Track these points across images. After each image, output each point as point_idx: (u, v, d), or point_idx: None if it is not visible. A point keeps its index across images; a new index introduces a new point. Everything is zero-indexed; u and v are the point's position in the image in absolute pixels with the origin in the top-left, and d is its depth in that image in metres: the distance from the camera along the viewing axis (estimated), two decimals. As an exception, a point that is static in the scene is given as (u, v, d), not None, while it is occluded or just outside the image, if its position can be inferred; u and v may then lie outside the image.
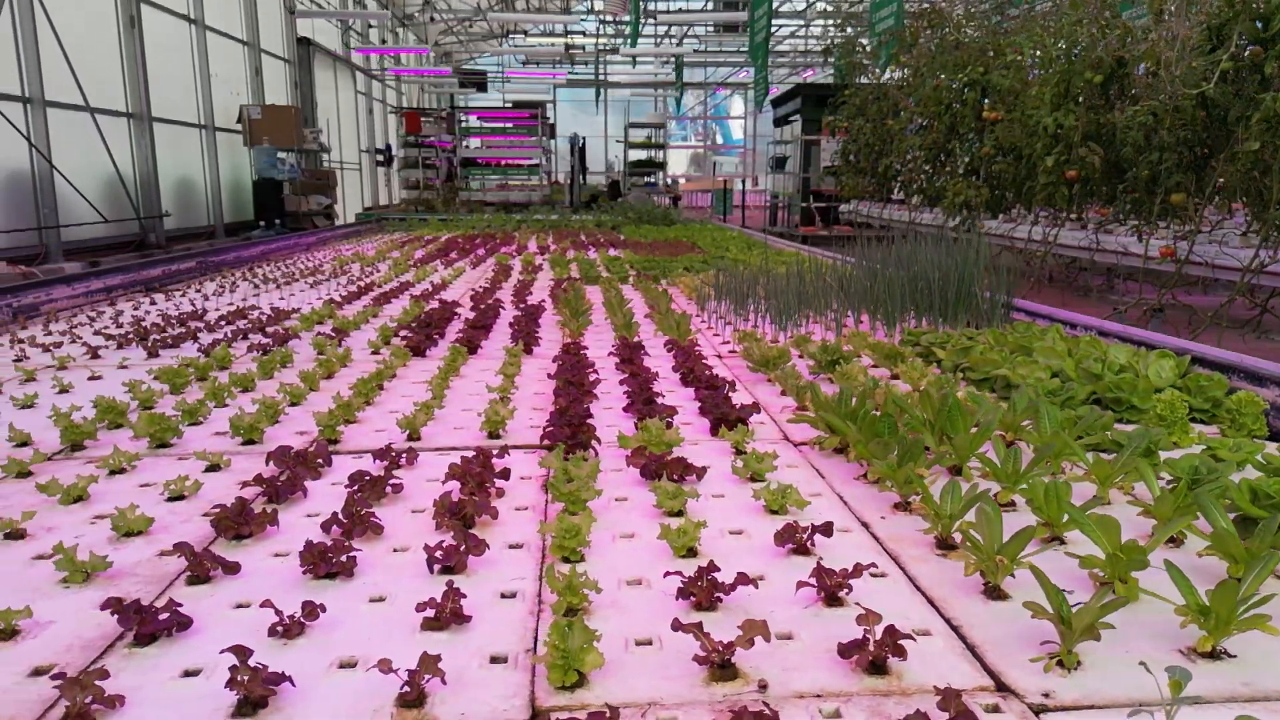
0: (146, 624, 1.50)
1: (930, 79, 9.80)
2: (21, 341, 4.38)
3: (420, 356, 4.04)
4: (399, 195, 24.86)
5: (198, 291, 6.52)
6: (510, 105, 25.57)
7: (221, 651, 1.38)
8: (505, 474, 2.27)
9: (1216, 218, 6.94)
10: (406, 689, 1.33)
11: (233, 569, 1.77)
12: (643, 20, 29.60)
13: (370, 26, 25.29)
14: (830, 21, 25.64)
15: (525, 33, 34.31)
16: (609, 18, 29.25)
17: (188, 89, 13.35)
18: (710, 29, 31.92)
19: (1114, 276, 7.28)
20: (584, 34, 33.12)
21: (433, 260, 8.85)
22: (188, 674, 1.42)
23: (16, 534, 1.97)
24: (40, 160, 9.17)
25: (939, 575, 1.77)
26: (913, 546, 1.91)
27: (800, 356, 3.86)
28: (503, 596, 1.70)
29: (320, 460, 2.42)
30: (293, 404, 3.12)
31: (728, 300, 5.03)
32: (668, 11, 27.07)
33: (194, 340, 4.34)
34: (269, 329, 4.59)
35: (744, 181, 29.71)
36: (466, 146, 23.07)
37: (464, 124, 23.27)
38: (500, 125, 23.54)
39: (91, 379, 3.57)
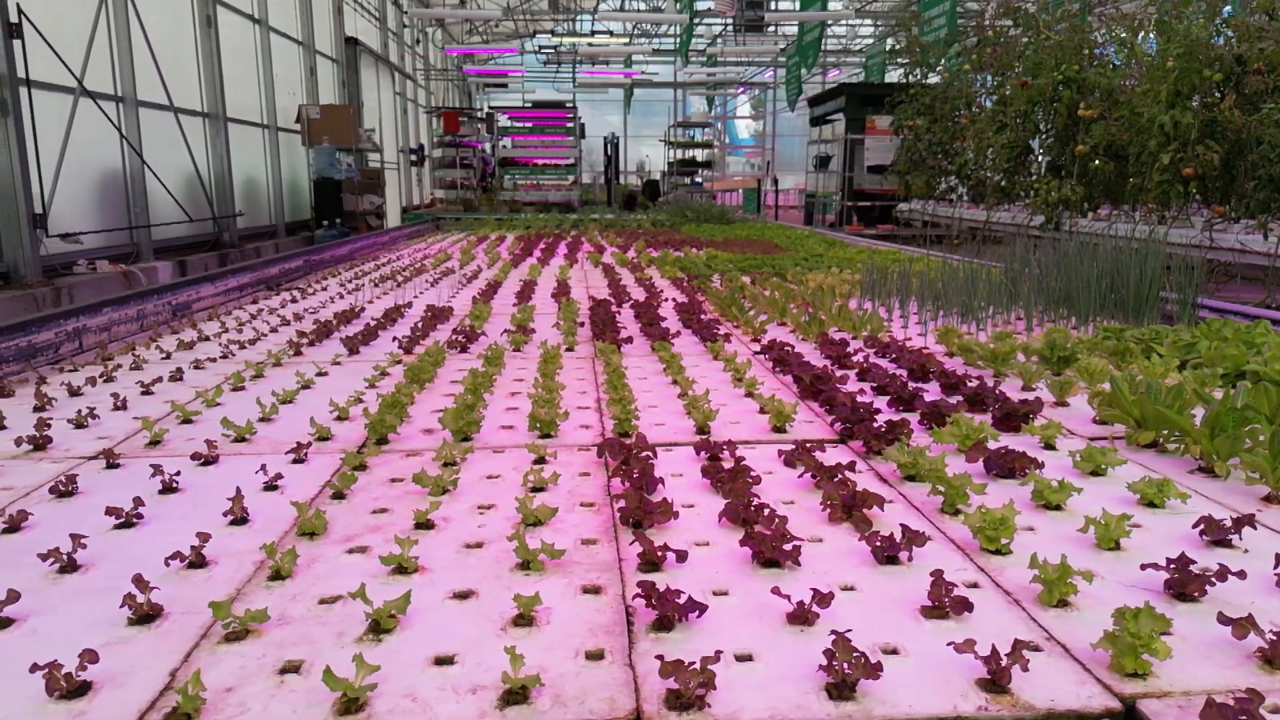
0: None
1: (1013, 78, 9.80)
2: (207, 338, 4.41)
3: (617, 352, 4.06)
4: (429, 194, 24.88)
5: (323, 290, 6.55)
6: (547, 105, 25.56)
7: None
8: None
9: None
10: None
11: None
12: (667, 26, 29.63)
13: (405, 26, 25.33)
14: (876, 23, 25.63)
15: (551, 32, 34.30)
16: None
17: (250, 89, 13.39)
18: (729, 28, 31.87)
19: (1229, 276, 7.28)
20: (610, 34, 33.12)
21: (523, 259, 8.87)
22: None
23: (426, 525, 2.00)
24: (131, 160, 9.21)
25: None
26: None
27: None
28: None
29: (644, 451, 2.44)
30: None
31: (881, 298, 5.05)
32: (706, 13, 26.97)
33: (368, 338, 4.35)
34: (455, 327, 4.62)
35: (772, 182, 29.72)
36: (504, 146, 23.11)
37: (501, 124, 23.31)
38: (537, 125, 23.55)
39: (319, 375, 3.59)
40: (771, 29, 31.07)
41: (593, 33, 33.43)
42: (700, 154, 24.55)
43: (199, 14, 11.14)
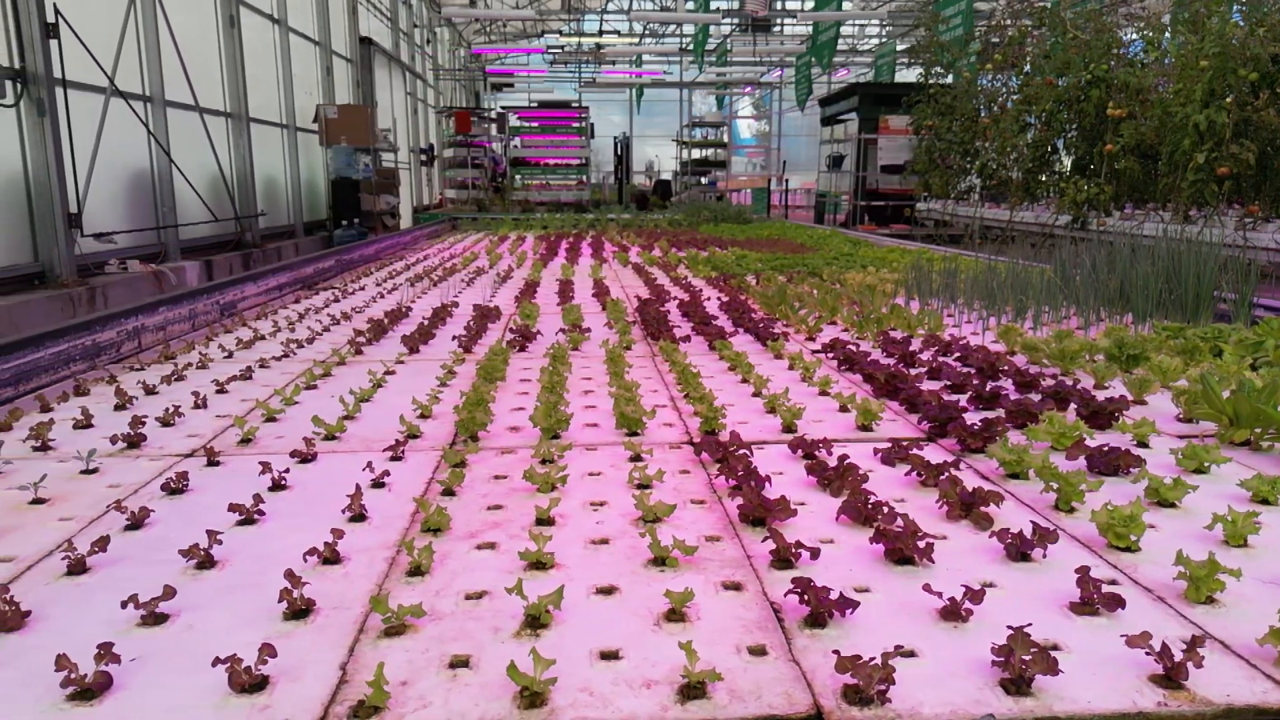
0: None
1: (1038, 77, 9.80)
2: (263, 336, 4.42)
3: (678, 351, 4.06)
4: (439, 194, 24.89)
5: (360, 289, 6.56)
6: (557, 105, 25.58)
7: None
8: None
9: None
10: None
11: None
12: (674, 26, 29.63)
13: (416, 26, 25.33)
14: (884, 23, 25.62)
15: (560, 33, 34.30)
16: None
17: (269, 88, 13.40)
18: (735, 28, 31.89)
19: (1263, 276, 7.27)
20: (618, 34, 33.11)
21: (550, 259, 8.88)
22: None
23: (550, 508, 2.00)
24: (159, 160, 9.22)
25: None
26: None
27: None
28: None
29: (741, 449, 2.45)
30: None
31: (925, 297, 5.06)
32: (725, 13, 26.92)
33: (424, 338, 4.35)
34: (509, 326, 4.63)
35: (783, 181, 29.72)
36: (515, 146, 23.12)
37: (511, 124, 23.32)
38: (548, 125, 23.57)
39: (387, 373, 3.60)
40: (778, 29, 31.13)
41: (600, 33, 33.45)
42: (712, 154, 24.52)
43: (222, 14, 11.15)
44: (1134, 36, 8.89)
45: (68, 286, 6.96)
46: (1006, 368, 3.44)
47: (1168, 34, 8.53)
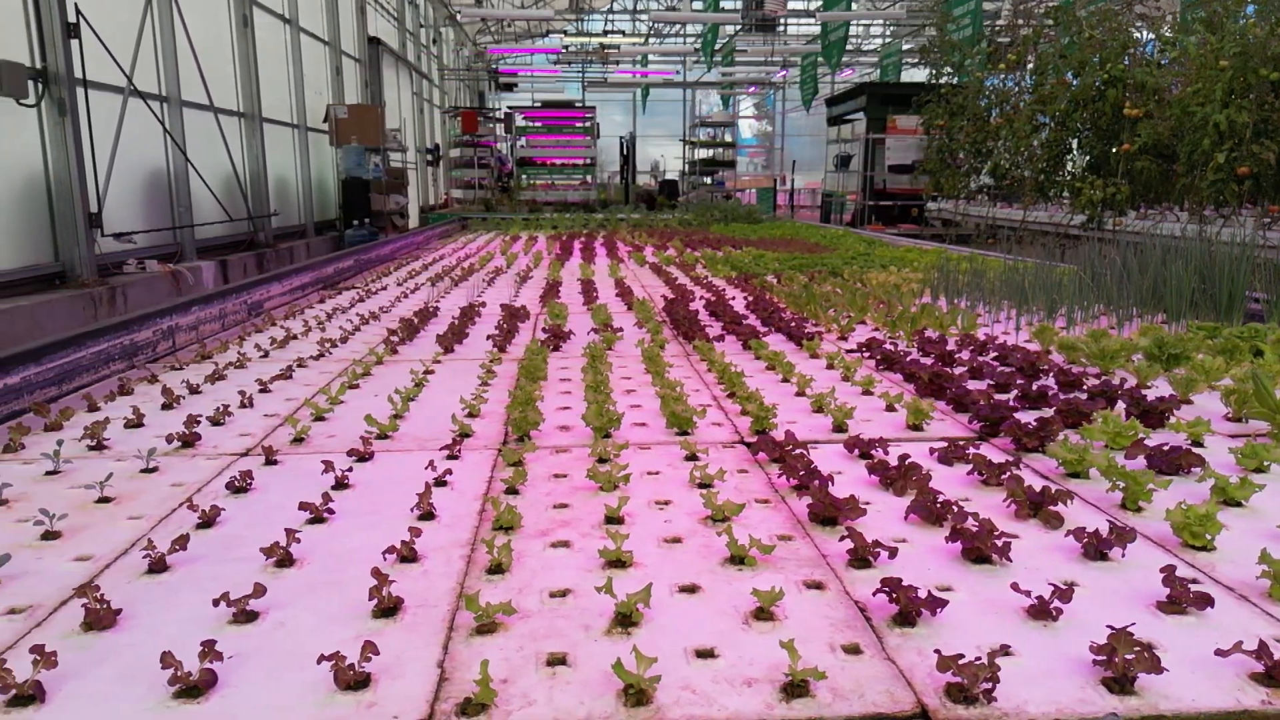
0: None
1: (1052, 77, 9.80)
2: (295, 336, 4.42)
3: (713, 350, 4.06)
4: (444, 194, 24.90)
5: (382, 289, 6.56)
6: (564, 105, 25.59)
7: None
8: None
9: None
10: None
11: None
12: (678, 26, 29.65)
13: (422, 26, 25.34)
14: (887, 23, 25.64)
15: (564, 33, 34.31)
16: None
17: (280, 88, 13.40)
18: (738, 28, 31.91)
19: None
20: (623, 34, 33.12)
21: (566, 259, 8.88)
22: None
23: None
24: (175, 160, 9.23)
25: None
26: None
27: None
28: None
29: (798, 448, 2.45)
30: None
31: (951, 296, 5.06)
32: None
33: (458, 337, 4.35)
34: (543, 326, 4.63)
35: (789, 181, 29.73)
36: (522, 146, 23.13)
37: (518, 124, 23.34)
38: (554, 125, 23.58)
39: (426, 373, 3.60)
40: (782, 28, 31.13)
41: (605, 32, 33.45)
42: (719, 154, 24.55)
43: (235, 14, 11.16)
44: (1151, 36, 8.89)
45: (88, 286, 6.96)
46: (1047, 367, 3.45)
47: (1192, 37, 8.53)
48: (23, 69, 6.44)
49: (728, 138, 27.87)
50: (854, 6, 19.07)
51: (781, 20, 29.91)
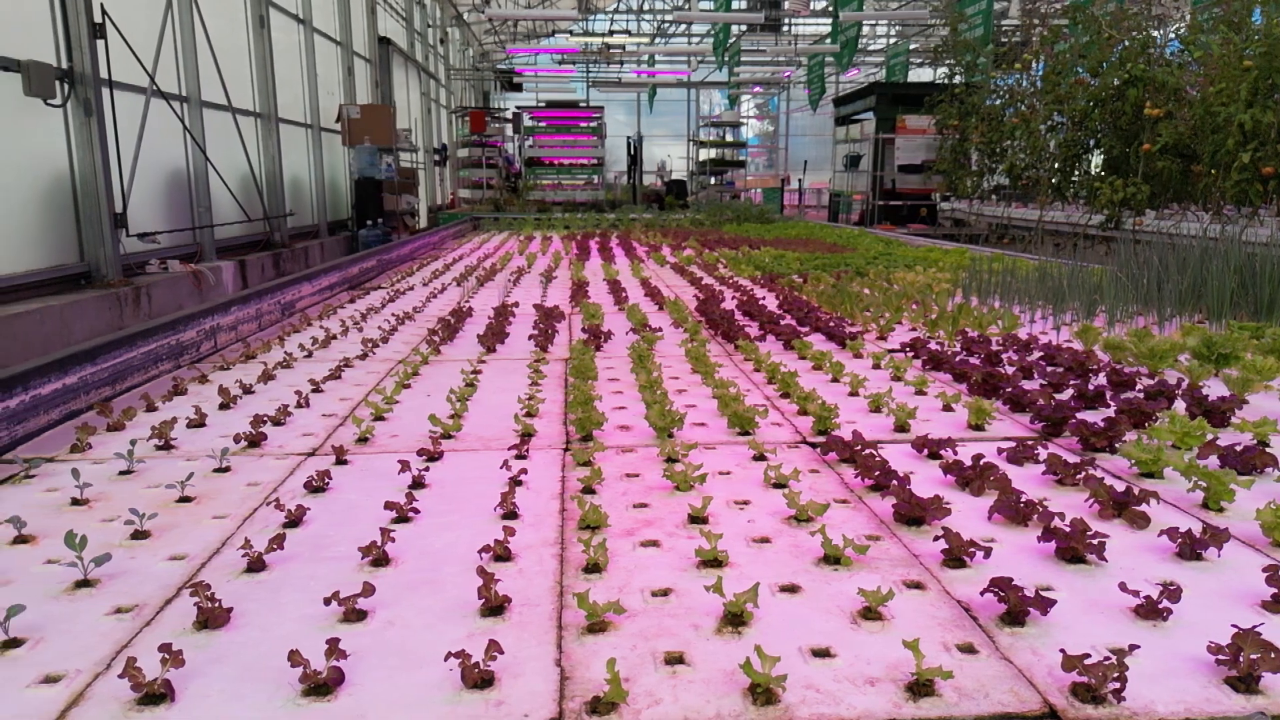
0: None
1: (1069, 77, 9.79)
2: (334, 336, 4.42)
3: (757, 351, 4.06)
4: (450, 194, 24.90)
5: (409, 289, 6.57)
6: (572, 105, 25.60)
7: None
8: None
9: None
10: None
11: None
12: (683, 26, 29.64)
13: (429, 26, 25.36)
14: (892, 24, 25.63)
15: (570, 33, 34.31)
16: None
17: (294, 89, 13.41)
18: (744, 28, 31.89)
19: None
20: (628, 33, 33.12)
21: (585, 259, 8.88)
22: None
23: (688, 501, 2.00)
24: (195, 160, 9.24)
25: None
26: None
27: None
28: None
29: (867, 448, 2.45)
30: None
31: (984, 296, 5.06)
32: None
33: (498, 337, 4.34)
34: (583, 327, 4.64)
35: (798, 181, 29.78)
36: (531, 146, 23.14)
37: (526, 124, 23.35)
38: (562, 125, 23.58)
39: (474, 372, 3.60)
40: (787, 28, 31.13)
41: (610, 32, 33.44)
42: (728, 154, 24.56)
43: (252, 15, 11.17)
44: (1171, 35, 8.88)
45: (114, 286, 6.97)
46: (1096, 367, 3.44)
47: (1215, 36, 8.52)
48: (50, 69, 6.45)
49: (735, 137, 27.85)
50: (864, 7, 19.06)
51: (786, 21, 29.96)
